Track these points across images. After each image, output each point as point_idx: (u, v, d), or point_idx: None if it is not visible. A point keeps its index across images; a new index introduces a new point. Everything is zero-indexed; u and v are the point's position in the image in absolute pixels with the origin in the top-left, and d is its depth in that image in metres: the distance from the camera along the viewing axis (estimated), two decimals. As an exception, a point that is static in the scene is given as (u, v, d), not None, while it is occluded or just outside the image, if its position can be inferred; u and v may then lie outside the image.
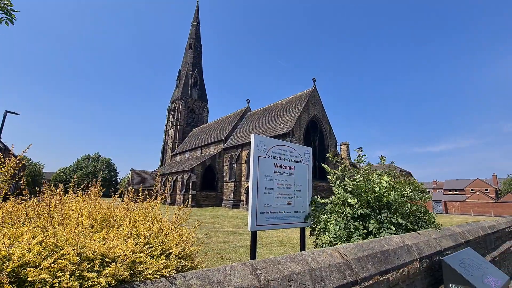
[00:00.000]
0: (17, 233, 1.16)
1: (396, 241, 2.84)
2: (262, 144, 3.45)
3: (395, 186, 4.05)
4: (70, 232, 1.16)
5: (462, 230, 4.51)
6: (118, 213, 1.62)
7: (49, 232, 1.18)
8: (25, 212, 1.30)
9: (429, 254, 3.06)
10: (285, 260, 1.77)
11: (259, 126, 32.12)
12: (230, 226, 14.26)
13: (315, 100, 30.70)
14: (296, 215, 3.75)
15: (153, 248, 1.38)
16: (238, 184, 31.14)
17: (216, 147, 36.91)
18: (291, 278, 1.63)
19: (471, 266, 2.98)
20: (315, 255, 1.99)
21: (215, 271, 1.41)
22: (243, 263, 1.58)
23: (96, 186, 1.77)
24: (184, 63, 58.48)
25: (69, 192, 1.77)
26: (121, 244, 1.25)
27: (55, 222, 1.27)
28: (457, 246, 3.78)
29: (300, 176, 3.88)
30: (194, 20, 61.60)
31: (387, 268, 2.37)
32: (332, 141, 31.56)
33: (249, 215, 3.21)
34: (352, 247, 2.33)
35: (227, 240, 9.64)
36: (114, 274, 1.09)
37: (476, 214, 36.84)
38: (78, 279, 1.03)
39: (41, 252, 1.07)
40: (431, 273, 3.03)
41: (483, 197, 63.78)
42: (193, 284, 1.27)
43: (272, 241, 9.51)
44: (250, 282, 1.44)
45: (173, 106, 55.47)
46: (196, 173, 32.67)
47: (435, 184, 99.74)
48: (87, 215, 1.42)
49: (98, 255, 1.14)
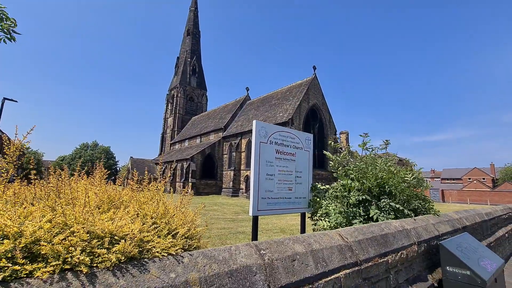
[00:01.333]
0: (27, 212, 1.18)
1: (395, 226, 2.89)
2: (263, 130, 3.45)
3: (396, 172, 4.08)
4: (78, 211, 1.18)
5: (460, 216, 4.59)
6: (124, 195, 1.64)
7: (58, 211, 1.19)
8: (34, 192, 1.31)
9: (427, 238, 3.13)
10: (288, 241, 1.81)
11: (259, 115, 31.98)
12: (230, 214, 14.46)
13: (315, 88, 30.44)
14: (297, 201, 3.79)
15: (160, 228, 1.40)
16: (238, 173, 31.32)
17: (215, 135, 36.87)
18: (294, 259, 1.67)
19: (467, 249, 3.05)
20: (317, 237, 2.03)
21: (221, 251, 1.45)
22: (247, 244, 1.62)
23: (100, 168, 1.78)
24: (182, 50, 57.48)
25: (74, 175, 1.78)
26: (128, 224, 1.27)
27: (62, 203, 1.28)
28: (454, 232, 3.86)
29: (301, 163, 3.90)
30: (192, 5, 60.07)
31: (386, 250, 2.43)
32: (332, 129, 31.54)
33: (251, 201, 3.24)
34: (352, 230, 2.37)
35: (227, 226, 9.80)
36: (123, 251, 1.12)
37: (473, 202, 37.37)
38: (88, 255, 1.05)
39: (51, 230, 1.09)
40: (428, 257, 3.11)
41: (480, 186, 64.52)
42: (200, 262, 1.30)
43: (271, 228, 9.67)
44: (254, 261, 1.47)
45: (172, 94, 54.95)
46: (196, 161, 32.79)
47: (433, 173, 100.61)
48: (94, 196, 1.44)
49: (107, 234, 1.16)
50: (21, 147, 1.47)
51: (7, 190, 1.39)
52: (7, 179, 1.41)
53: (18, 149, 1.45)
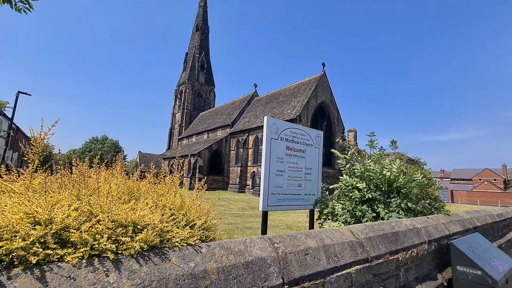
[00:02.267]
0: (54, 200, 1.23)
1: (406, 224, 2.88)
2: (274, 126, 3.47)
3: (406, 171, 4.05)
4: (103, 200, 1.23)
5: (471, 216, 4.54)
6: (142, 186, 1.69)
7: (83, 200, 1.25)
8: (60, 182, 1.37)
9: (437, 237, 3.11)
10: (301, 236, 1.83)
11: (266, 111, 31.93)
12: (237, 209, 14.58)
13: (323, 85, 30.18)
14: (306, 198, 3.81)
15: (178, 219, 1.45)
16: (244, 169, 31.46)
17: (223, 131, 37.03)
18: (306, 253, 1.70)
19: (479, 250, 3.02)
20: (329, 232, 2.05)
21: (236, 243, 1.48)
22: (261, 237, 1.65)
23: (120, 160, 1.83)
24: (191, 46, 57.62)
25: (93, 166, 1.84)
26: (149, 214, 1.32)
27: (87, 192, 1.34)
28: (465, 232, 3.82)
29: (311, 160, 3.91)
30: (201, 0, 60.02)
31: (396, 248, 2.43)
32: (340, 127, 31.29)
33: (261, 196, 3.28)
34: (363, 227, 2.39)
35: (234, 222, 9.90)
36: (146, 240, 1.16)
37: (483, 203, 36.67)
38: (114, 242, 1.10)
39: (78, 218, 1.14)
40: (439, 256, 3.10)
41: (491, 187, 63.12)
42: (217, 253, 1.34)
43: (278, 224, 9.72)
44: (269, 254, 1.51)
45: (180, 89, 55.29)
46: (203, 157, 33.04)
47: (442, 173, 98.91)
48: (115, 187, 1.49)
49: (130, 223, 1.21)
50: (45, 139, 1.53)
51: (33, 180, 1.45)
52: (33, 169, 1.47)
53: (43, 139, 1.51)
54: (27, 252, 0.92)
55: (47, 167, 1.61)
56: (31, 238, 0.95)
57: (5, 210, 1.06)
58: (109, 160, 2.02)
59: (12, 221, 0.98)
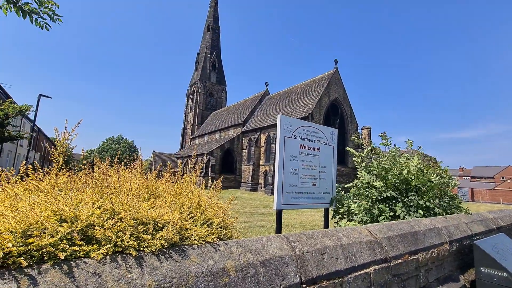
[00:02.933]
0: (78, 198, 1.28)
1: (425, 223, 2.80)
2: (288, 124, 3.44)
3: (424, 170, 3.93)
4: (124, 199, 1.26)
5: (494, 216, 4.35)
6: (160, 185, 1.73)
7: (105, 198, 1.29)
8: (83, 180, 1.42)
9: (459, 237, 3.01)
10: (317, 234, 1.82)
11: (278, 110, 31.81)
12: (249, 208, 14.63)
13: (336, 82, 29.71)
14: (320, 196, 3.77)
15: (196, 217, 1.47)
16: (256, 168, 31.49)
17: (234, 130, 37.20)
18: (324, 252, 1.68)
19: (504, 251, 2.90)
20: (346, 232, 2.02)
21: (254, 241, 1.49)
22: (278, 235, 1.65)
23: (140, 159, 1.88)
24: (202, 45, 58.14)
25: (113, 166, 1.90)
26: (168, 212, 1.34)
27: (109, 191, 1.38)
28: (488, 232, 3.67)
29: (325, 158, 3.86)
30: (212, 0, 60.39)
31: (416, 248, 2.37)
32: (353, 125, 30.73)
33: (275, 195, 3.27)
34: (381, 227, 2.34)
35: (247, 220, 9.94)
36: (166, 237, 1.19)
37: (506, 203, 35.06)
38: (135, 239, 1.13)
39: (102, 215, 1.18)
40: (460, 257, 2.99)
41: (515, 186, 60.17)
42: (235, 251, 1.35)
43: (291, 223, 9.68)
44: (286, 253, 1.50)
45: (192, 89, 55.96)
46: (215, 156, 33.34)
47: (462, 171, 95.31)
48: (135, 185, 1.53)
49: (150, 220, 1.24)
50: (69, 139, 1.59)
51: (58, 179, 1.51)
52: (58, 168, 1.53)
53: (67, 139, 1.56)
54: (55, 248, 0.96)
55: (70, 167, 1.67)
56: (59, 235, 0.99)
57: (34, 208, 1.11)
58: (127, 160, 2.07)
59: (41, 219, 1.02)
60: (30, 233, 0.97)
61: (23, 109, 16.72)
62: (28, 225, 0.99)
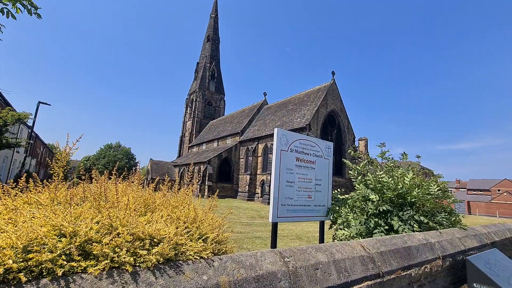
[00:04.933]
0: (77, 212, 1.31)
1: (419, 238, 2.83)
2: (284, 138, 3.51)
3: (420, 183, 3.98)
4: (122, 214, 1.30)
5: (488, 231, 4.38)
6: (157, 199, 1.76)
7: (103, 213, 1.32)
8: (82, 194, 1.46)
9: (452, 253, 3.03)
10: (311, 250, 1.85)
11: (276, 120, 32.02)
12: (246, 218, 14.53)
13: (333, 93, 30.08)
14: (316, 209, 3.80)
15: (191, 232, 1.50)
16: (254, 177, 31.41)
17: (232, 139, 37.27)
18: (316, 267, 1.71)
19: (496, 267, 2.92)
20: (339, 247, 2.05)
21: (247, 256, 1.52)
22: (272, 250, 1.68)
23: (138, 174, 1.92)
24: (202, 55, 58.91)
25: (111, 178, 1.93)
26: (164, 227, 1.37)
27: (107, 205, 1.41)
28: (482, 247, 3.70)
29: (321, 171, 3.91)
30: (212, 12, 61.59)
31: (409, 264, 2.39)
32: (350, 136, 30.94)
33: (271, 207, 3.30)
34: (374, 242, 2.36)
35: (243, 231, 9.87)
36: (161, 252, 1.22)
37: (502, 216, 35.06)
38: (132, 255, 1.16)
39: (99, 231, 1.21)
40: (454, 272, 3.01)
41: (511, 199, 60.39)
42: (229, 267, 1.37)
43: (288, 234, 9.62)
44: (279, 268, 1.53)
45: (191, 98, 56.32)
46: (213, 164, 33.26)
47: (458, 183, 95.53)
48: (132, 200, 1.56)
49: (147, 236, 1.27)
50: (69, 153, 1.62)
51: (57, 192, 1.54)
52: (58, 182, 1.56)
53: (68, 154, 1.60)
54: (54, 264, 0.99)
55: (69, 179, 1.71)
56: (58, 251, 1.02)
57: (33, 222, 1.14)
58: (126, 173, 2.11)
59: (41, 234, 1.05)
60: (30, 249, 1.00)
61: (22, 117, 16.70)
62: (29, 240, 1.02)
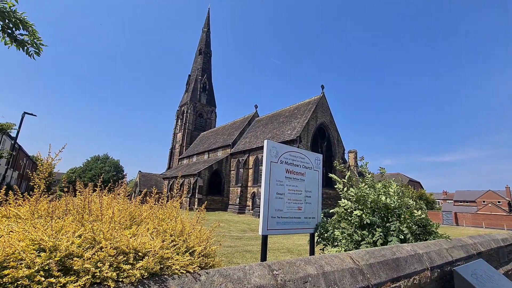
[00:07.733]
0: (58, 226, 1.26)
1: (407, 250, 2.85)
2: (274, 150, 3.53)
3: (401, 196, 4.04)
4: (106, 227, 1.26)
5: (474, 241, 4.46)
6: (144, 211, 1.72)
7: (86, 226, 1.28)
8: (65, 207, 1.41)
9: (440, 264, 3.06)
10: (300, 262, 1.83)
11: (267, 132, 32.22)
12: (236, 231, 14.28)
13: (323, 107, 30.69)
14: (306, 221, 3.79)
15: (178, 245, 1.47)
16: (245, 189, 31.15)
17: (223, 151, 37.11)
18: (306, 280, 1.69)
19: (483, 277, 2.96)
20: (328, 259, 2.04)
21: (235, 270, 1.49)
22: (260, 264, 1.65)
23: (124, 186, 1.88)
24: (193, 68, 59.39)
25: (96, 190, 1.88)
26: (150, 241, 1.34)
27: (90, 219, 1.37)
28: (468, 258, 3.75)
29: (310, 182, 3.94)
30: (204, 26, 62.71)
31: (398, 275, 2.39)
32: (340, 148, 31.38)
33: (260, 220, 3.27)
34: (363, 253, 2.37)
35: (233, 245, 9.67)
36: (146, 267, 1.18)
37: (488, 226, 35.81)
38: (115, 270, 1.12)
39: (82, 245, 1.17)
40: (442, 283, 3.02)
41: (495, 210, 61.94)
42: (216, 281, 1.34)
43: (278, 247, 9.49)
44: (268, 282, 1.50)
45: (182, 110, 56.22)
46: (203, 177, 32.86)
47: (445, 194, 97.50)
48: (117, 212, 1.52)
49: (131, 250, 1.23)
50: (52, 165, 1.58)
51: (38, 205, 1.49)
52: (39, 194, 1.51)
53: (50, 166, 1.56)
54: (31, 280, 0.95)
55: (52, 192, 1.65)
56: (36, 267, 0.97)
57: (11, 237, 1.09)
58: (112, 184, 2.06)
59: (18, 249, 1.01)
60: (6, 265, 0.96)
61: (4, 127, 16.22)
62: (5, 256, 0.97)
